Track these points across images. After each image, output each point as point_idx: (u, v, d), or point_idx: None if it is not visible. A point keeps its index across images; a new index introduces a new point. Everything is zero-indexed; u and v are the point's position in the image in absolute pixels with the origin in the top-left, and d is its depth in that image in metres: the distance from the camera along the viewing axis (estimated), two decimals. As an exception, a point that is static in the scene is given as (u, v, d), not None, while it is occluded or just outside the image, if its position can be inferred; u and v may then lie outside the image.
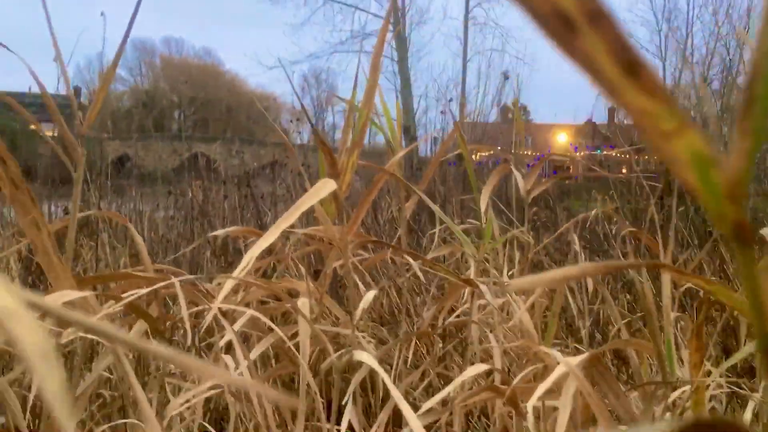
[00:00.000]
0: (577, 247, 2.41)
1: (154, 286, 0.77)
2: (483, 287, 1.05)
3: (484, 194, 1.30)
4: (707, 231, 3.32)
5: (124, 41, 0.96)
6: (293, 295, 1.36)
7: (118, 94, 41.99)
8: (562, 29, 0.19)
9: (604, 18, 0.19)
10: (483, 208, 1.24)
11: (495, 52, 25.48)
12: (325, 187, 0.80)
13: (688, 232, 3.27)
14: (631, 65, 0.20)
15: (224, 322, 0.78)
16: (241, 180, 6.08)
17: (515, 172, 1.43)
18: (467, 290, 1.21)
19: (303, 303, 1.09)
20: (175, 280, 0.80)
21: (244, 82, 44.22)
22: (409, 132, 15.97)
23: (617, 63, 0.19)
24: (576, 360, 0.79)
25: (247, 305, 1.37)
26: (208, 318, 0.80)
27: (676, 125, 0.20)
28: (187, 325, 0.80)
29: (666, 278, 0.83)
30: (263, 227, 3.96)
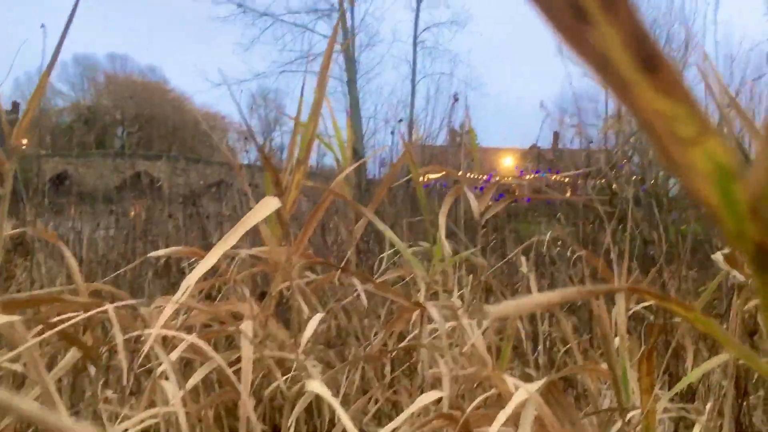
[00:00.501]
0: (525, 269, 2.42)
1: (87, 313, 0.71)
2: (432, 310, 1.02)
3: (441, 216, 1.28)
4: (650, 255, 3.40)
5: (57, 50, 0.91)
6: (238, 318, 1.31)
7: (58, 109, 40.85)
8: (571, 19, 0.17)
9: (622, 5, 0.17)
10: (442, 230, 1.22)
11: (443, 75, 25.91)
12: (269, 205, 0.77)
13: (630, 255, 3.33)
14: (650, 60, 0.17)
15: (159, 351, 0.73)
16: (187, 199, 5.96)
17: (468, 194, 1.42)
18: (417, 314, 1.18)
19: (246, 326, 1.04)
20: (109, 306, 0.75)
21: (190, 100, 43.63)
22: (357, 153, 15.98)
23: (634, 57, 0.17)
24: (535, 386, 0.76)
25: (190, 329, 1.31)
26: (146, 346, 0.75)
27: (696, 131, 0.18)
28: (122, 354, 0.75)
29: (621, 303, 0.82)
30: (208, 247, 3.86)
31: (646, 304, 1.72)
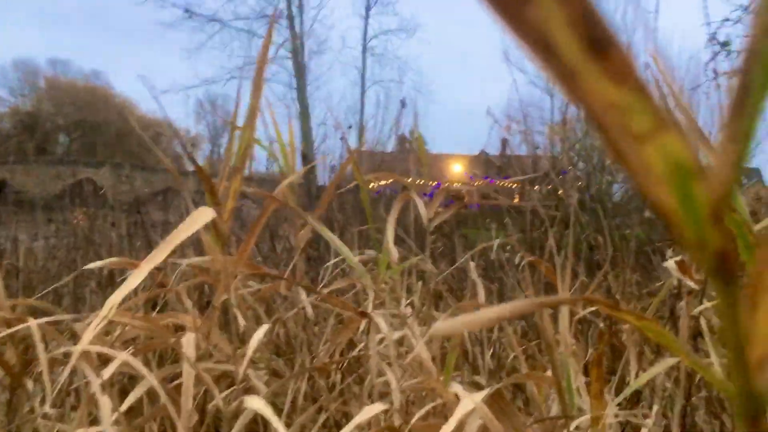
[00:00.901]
0: (474, 276, 2.43)
1: (9, 329, 0.67)
2: (379, 320, 1.00)
3: (389, 223, 1.26)
4: (595, 260, 3.46)
5: None
6: (180, 329, 1.27)
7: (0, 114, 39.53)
8: None
9: None
10: (390, 237, 1.20)
11: (393, 82, 26.05)
12: (203, 216, 0.74)
13: (576, 260, 3.39)
14: (599, 42, 0.15)
15: (87, 369, 0.69)
16: (131, 207, 5.81)
17: (417, 200, 1.40)
18: (365, 323, 1.16)
19: (188, 339, 1.01)
20: (32, 322, 0.70)
21: (135, 106, 42.74)
22: (307, 159, 15.90)
23: (581, 38, 0.14)
24: (479, 396, 0.75)
25: (132, 341, 1.26)
26: (70, 364, 0.71)
27: (651, 124, 0.15)
28: (45, 371, 0.70)
29: (564, 311, 0.82)
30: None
31: (592, 309, 1.74)
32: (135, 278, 0.62)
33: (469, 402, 0.72)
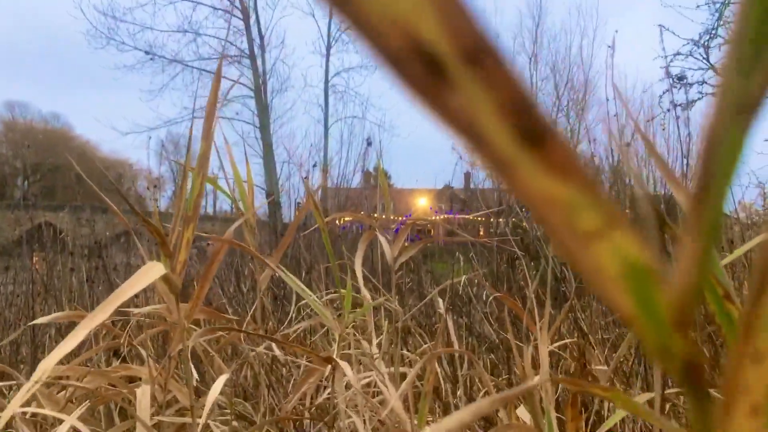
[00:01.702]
0: (442, 311, 2.41)
1: None
2: (345, 365, 0.97)
3: (357, 264, 1.24)
4: (562, 291, 3.46)
5: None
6: (135, 381, 1.22)
7: (-48, 159, 38.72)
8: (426, 76, 0.13)
9: (493, 59, 0.12)
10: (359, 277, 1.18)
11: (356, 119, 26.25)
12: (152, 272, 0.70)
13: (543, 291, 3.40)
14: (533, 133, 0.13)
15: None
16: (92, 251, 5.67)
17: (381, 239, 1.38)
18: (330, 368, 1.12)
19: (143, 392, 0.96)
20: None
21: (96, 147, 42.20)
22: (272, 198, 15.85)
23: (512, 129, 0.13)
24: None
25: (86, 395, 1.20)
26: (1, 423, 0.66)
27: (599, 221, 0.14)
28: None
29: (544, 350, 0.80)
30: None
31: (560, 343, 1.73)
32: (75, 337, 0.58)
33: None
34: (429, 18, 0.12)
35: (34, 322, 1.02)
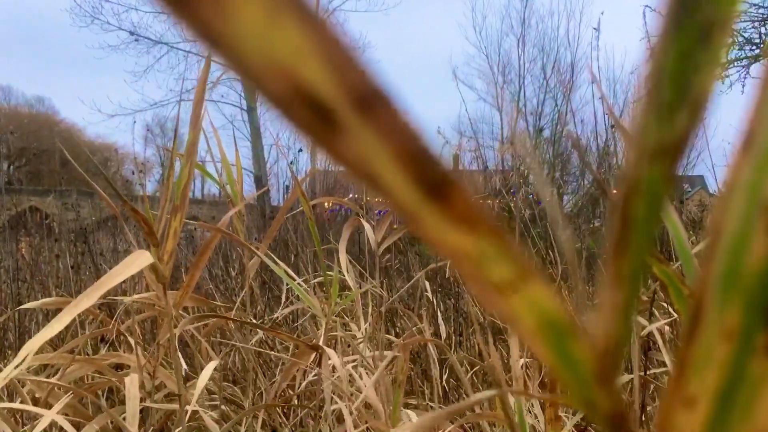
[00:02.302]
0: (429, 293, 2.43)
1: None
2: (331, 353, 0.99)
3: (341, 249, 1.25)
4: (547, 273, 3.49)
5: None
6: (123, 369, 1.23)
7: (-65, 144, 38.22)
8: (315, 121, 0.12)
9: (385, 106, 0.12)
10: (343, 263, 1.19)
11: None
12: (139, 261, 0.71)
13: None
14: (435, 182, 0.12)
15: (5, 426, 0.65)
16: (78, 235, 5.64)
17: (366, 225, 1.39)
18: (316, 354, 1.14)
19: (131, 379, 0.97)
20: None
21: (82, 131, 41.77)
22: (260, 181, 15.81)
23: (411, 177, 0.12)
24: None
25: (75, 382, 1.21)
26: None
27: (511, 274, 0.13)
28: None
29: (514, 342, 0.82)
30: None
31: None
32: (60, 322, 0.59)
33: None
34: (313, 62, 0.12)
35: (22, 307, 1.02)
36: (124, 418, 1.16)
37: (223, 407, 1.40)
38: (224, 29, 0.11)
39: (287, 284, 2.80)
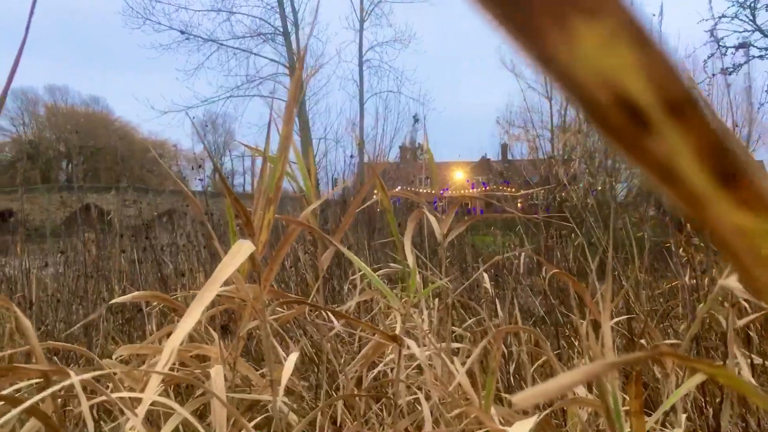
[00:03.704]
0: (488, 285, 2.42)
1: (49, 390, 0.66)
2: (412, 345, 1.00)
3: (406, 242, 1.26)
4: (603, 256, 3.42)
5: (6, 90, 0.87)
6: (202, 359, 1.26)
7: (-1, 144, 39.72)
8: (628, 125, 0.14)
9: (693, 109, 0.14)
10: (410, 259, 1.19)
11: (391, 93, 26.17)
12: (243, 251, 0.73)
13: (585, 262, 3.38)
14: (729, 172, 0.14)
15: (128, 413, 0.69)
16: (138, 231, 5.79)
17: (431, 217, 1.40)
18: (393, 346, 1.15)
19: (216, 371, 1.00)
20: (74, 378, 0.70)
21: (136, 129, 42.92)
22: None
23: (709, 171, 0.14)
24: (528, 425, 0.74)
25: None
26: (142, 413, 0.69)
27: None
28: (90, 424, 0.70)
29: (607, 328, 0.81)
30: (164, 281, 3.76)
31: (619, 319, 1.73)
32: (191, 318, 0.61)
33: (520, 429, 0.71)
34: (636, 74, 0.13)
35: (113, 302, 1.06)
36: (202, 411, 1.20)
37: (305, 395, 1.42)
38: (562, 54, 0.12)
39: (341, 278, 2.81)
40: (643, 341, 1.75)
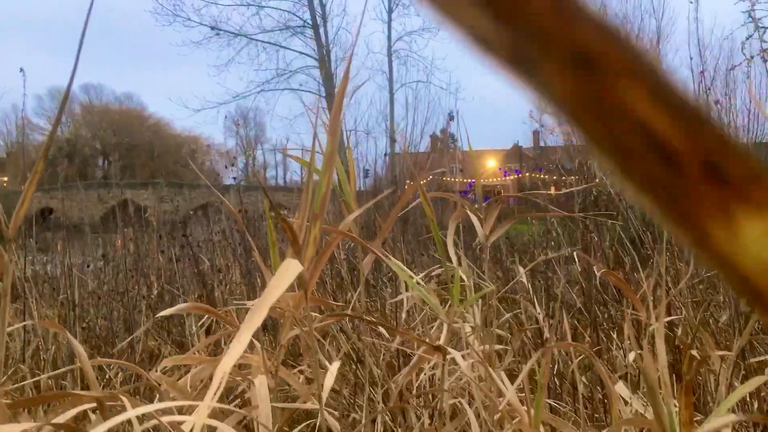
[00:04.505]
0: (524, 279, 2.38)
1: (108, 424, 0.65)
2: (457, 356, 0.97)
3: (449, 243, 1.23)
4: (642, 254, 3.35)
5: (68, 92, 0.87)
6: (242, 367, 1.26)
7: (37, 144, 40.60)
8: (659, 170, 0.13)
9: (731, 157, 0.13)
10: (453, 256, 1.17)
11: (420, 83, 26.06)
12: (291, 271, 0.72)
13: (624, 252, 3.31)
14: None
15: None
16: (175, 227, 5.86)
17: (473, 217, 1.37)
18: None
19: (261, 382, 0.99)
20: (126, 403, 0.69)
21: (169, 125, 43.48)
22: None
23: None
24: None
25: (199, 385, 1.25)
26: None
27: None
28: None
29: (660, 344, 0.78)
30: (202, 278, 3.81)
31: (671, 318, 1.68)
32: (240, 345, 0.60)
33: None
34: (671, 121, 0.13)
35: (159, 315, 1.06)
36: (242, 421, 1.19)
37: (344, 403, 1.41)
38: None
39: (389, 281, 2.78)
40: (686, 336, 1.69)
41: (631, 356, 1.48)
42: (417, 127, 22.55)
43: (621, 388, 1.18)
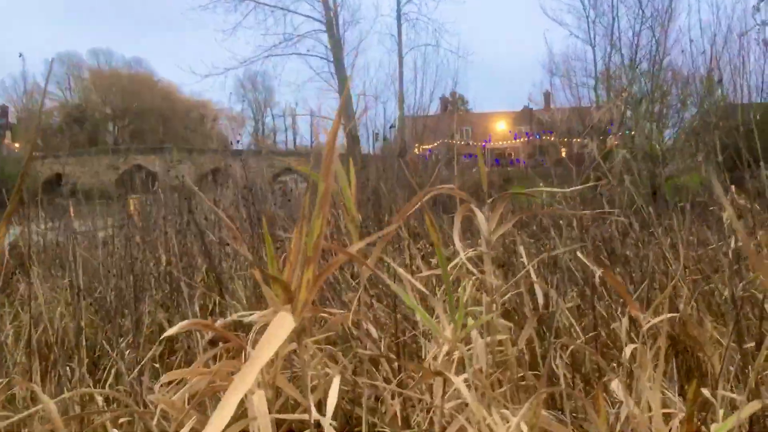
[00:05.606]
0: (524, 257, 2.32)
1: None
2: (459, 383, 0.94)
3: (455, 239, 1.19)
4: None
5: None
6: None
7: (48, 110, 40.54)
8: None
9: None
10: (461, 251, 1.12)
11: (429, 46, 25.73)
12: (283, 327, 0.68)
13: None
14: None
15: None
16: (182, 192, 5.83)
17: (478, 213, 1.33)
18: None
19: (259, 396, 0.96)
20: None
21: (178, 90, 43.25)
22: (353, 136, 15.91)
23: None
24: None
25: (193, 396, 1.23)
26: None
27: None
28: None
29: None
30: (208, 252, 3.80)
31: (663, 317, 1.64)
32: (230, 404, 0.57)
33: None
34: None
35: (165, 335, 1.04)
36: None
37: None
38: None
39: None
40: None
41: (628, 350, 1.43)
42: (426, 91, 22.31)
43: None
